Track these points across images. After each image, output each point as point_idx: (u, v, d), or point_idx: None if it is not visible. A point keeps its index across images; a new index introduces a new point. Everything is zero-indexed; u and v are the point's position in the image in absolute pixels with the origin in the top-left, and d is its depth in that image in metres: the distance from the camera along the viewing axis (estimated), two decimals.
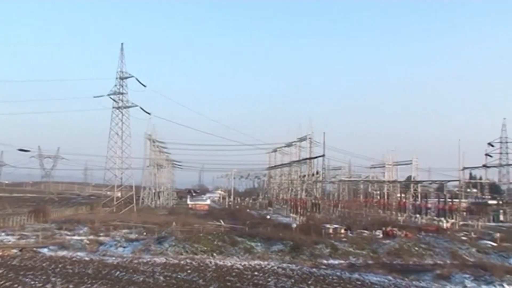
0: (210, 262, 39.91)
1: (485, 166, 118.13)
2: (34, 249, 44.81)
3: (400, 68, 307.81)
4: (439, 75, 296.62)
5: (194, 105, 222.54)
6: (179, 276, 33.62)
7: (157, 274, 34.18)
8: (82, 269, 35.38)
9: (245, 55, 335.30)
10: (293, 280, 33.81)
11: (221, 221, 67.97)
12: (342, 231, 59.19)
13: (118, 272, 34.34)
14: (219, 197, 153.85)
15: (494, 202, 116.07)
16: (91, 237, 53.11)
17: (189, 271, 35.41)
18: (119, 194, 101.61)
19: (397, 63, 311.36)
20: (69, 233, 56.03)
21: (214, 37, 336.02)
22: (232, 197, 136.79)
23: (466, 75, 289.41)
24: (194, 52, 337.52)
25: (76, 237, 52.45)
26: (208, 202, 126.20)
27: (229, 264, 39.47)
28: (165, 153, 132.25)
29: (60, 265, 36.43)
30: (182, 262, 39.12)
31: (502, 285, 33.91)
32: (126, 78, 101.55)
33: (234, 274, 35.21)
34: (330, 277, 35.58)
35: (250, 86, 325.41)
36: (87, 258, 40.27)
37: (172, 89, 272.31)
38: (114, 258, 40.94)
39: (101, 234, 55.53)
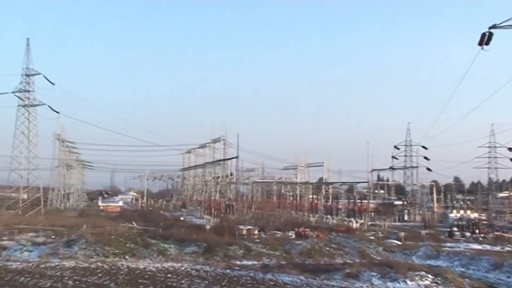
0: (122, 265, 38.94)
1: (391, 168, 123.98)
2: None
3: (310, 70, 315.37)
4: (349, 79, 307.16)
5: (105, 105, 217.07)
6: (89, 280, 32.62)
7: (66, 278, 32.95)
8: None
9: (156, 54, 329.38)
10: (206, 282, 33.75)
11: (134, 223, 66.73)
12: (256, 232, 59.77)
13: (23, 278, 32.66)
14: (132, 199, 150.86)
15: (400, 202, 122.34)
16: None
17: (100, 275, 34.41)
18: (25, 196, 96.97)
19: (307, 66, 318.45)
20: None
21: (125, 35, 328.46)
22: (145, 198, 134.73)
23: (375, 79, 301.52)
24: (103, 50, 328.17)
25: None
26: (120, 203, 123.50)
27: (142, 266, 38.73)
28: (75, 153, 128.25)
29: None
30: (92, 266, 37.87)
31: (405, 281, 35.79)
32: (32, 75, 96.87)
33: (147, 276, 34.66)
34: (244, 278, 35.83)
35: (162, 86, 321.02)
36: None
37: (81, 87, 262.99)
38: (18, 263, 38.86)
39: (5, 238, 52.49)
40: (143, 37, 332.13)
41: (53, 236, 53.64)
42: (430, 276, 36.61)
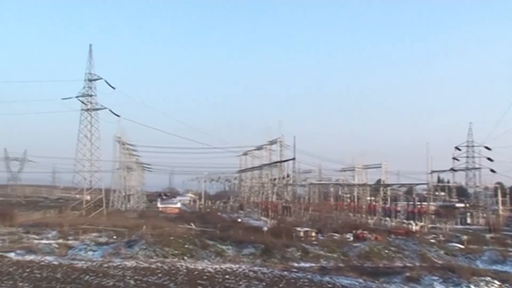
0: (181, 265, 39.64)
1: (452, 169, 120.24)
2: (0, 253, 43.76)
3: (369, 71, 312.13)
4: (407, 78, 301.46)
5: (163, 108, 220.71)
6: (150, 280, 33.36)
7: (128, 278, 33.85)
8: (51, 273, 34.82)
9: (212, 57, 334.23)
10: (264, 283, 33.83)
11: (192, 224, 67.62)
12: (313, 234, 59.39)
13: (87, 276, 33.88)
14: (190, 200, 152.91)
15: (462, 205, 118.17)
16: (60, 241, 52.25)
17: (160, 275, 35.16)
18: (88, 197, 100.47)
19: (365, 66, 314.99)
20: (37, 237, 55.09)
21: (183, 39, 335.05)
22: (202, 200, 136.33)
23: (434, 79, 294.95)
24: (161, 55, 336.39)
25: (44, 241, 51.50)
26: (179, 205, 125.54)
27: (200, 267, 39.26)
28: (135, 155, 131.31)
29: (27, 270, 35.71)
30: (152, 266, 38.77)
31: (469, 286, 34.38)
32: (94, 80, 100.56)
33: (205, 277, 35.08)
34: (301, 280, 35.69)
35: (218, 88, 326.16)
36: (55, 262, 39.59)
37: (141, 91, 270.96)
38: (83, 262, 40.33)
39: (70, 237, 54.71)
40: (200, 42, 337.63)
41: (114, 237, 55.25)
42: (496, 282, 35.01)
